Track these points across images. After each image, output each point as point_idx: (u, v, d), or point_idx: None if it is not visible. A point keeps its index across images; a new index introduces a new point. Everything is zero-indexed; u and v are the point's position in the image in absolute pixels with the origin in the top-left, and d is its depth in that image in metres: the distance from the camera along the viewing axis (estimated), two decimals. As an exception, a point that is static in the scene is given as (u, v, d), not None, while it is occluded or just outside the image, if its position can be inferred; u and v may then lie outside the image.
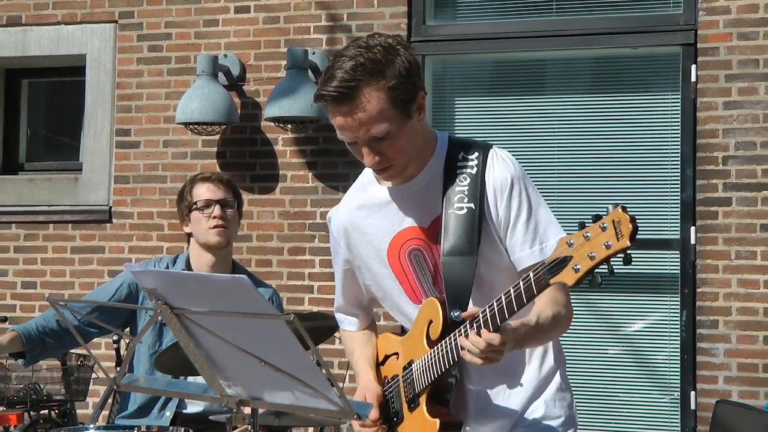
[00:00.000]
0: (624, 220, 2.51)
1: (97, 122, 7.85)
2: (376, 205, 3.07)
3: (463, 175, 2.96)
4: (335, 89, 2.83)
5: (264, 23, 7.55)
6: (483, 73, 7.52)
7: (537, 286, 2.66)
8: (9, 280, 7.88)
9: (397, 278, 3.06)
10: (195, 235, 4.48)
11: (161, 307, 2.86)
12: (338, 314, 3.34)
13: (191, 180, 4.57)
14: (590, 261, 2.54)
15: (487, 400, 3.00)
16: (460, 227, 2.92)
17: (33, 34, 8.01)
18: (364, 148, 2.91)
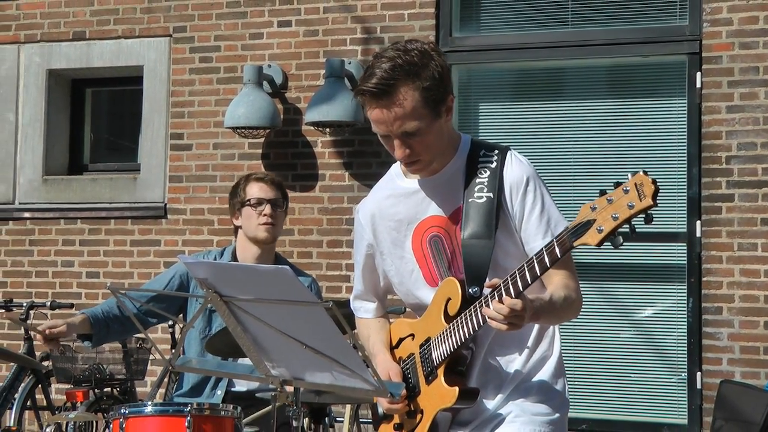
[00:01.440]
0: (646, 182, 2.56)
1: (153, 127, 7.89)
2: (402, 195, 3.09)
3: (483, 169, 2.98)
4: (374, 86, 2.87)
5: (304, 36, 7.57)
6: (505, 81, 7.50)
7: (561, 249, 2.66)
8: (75, 271, 7.93)
9: (417, 262, 3.06)
10: (244, 228, 4.49)
11: (211, 295, 2.87)
12: (355, 302, 3.34)
13: (246, 178, 4.58)
14: (613, 221, 2.55)
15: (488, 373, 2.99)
16: (479, 214, 2.93)
17: (96, 48, 8.05)
18: (395, 141, 2.93)
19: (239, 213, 4.50)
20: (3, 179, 8.16)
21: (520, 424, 2.92)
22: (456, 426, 3.01)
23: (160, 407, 3.76)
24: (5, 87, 8.21)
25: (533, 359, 3.01)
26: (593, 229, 2.57)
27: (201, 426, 3.61)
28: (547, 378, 3.00)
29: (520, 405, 2.95)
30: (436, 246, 3.02)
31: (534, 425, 2.92)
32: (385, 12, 7.41)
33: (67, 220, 7.99)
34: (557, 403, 2.99)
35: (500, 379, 2.99)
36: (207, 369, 3.92)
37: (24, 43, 8.17)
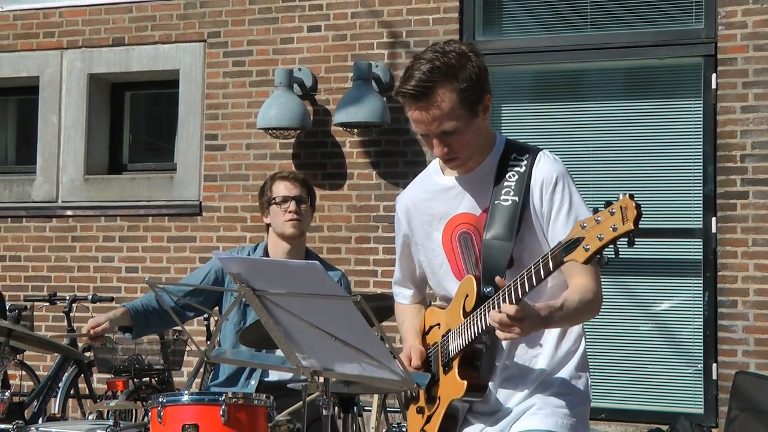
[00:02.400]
0: (630, 206, 2.50)
1: (189, 128, 7.91)
2: (438, 191, 3.08)
3: (512, 172, 2.96)
4: (413, 88, 2.86)
5: (333, 40, 7.56)
6: (526, 83, 7.47)
7: (553, 263, 2.64)
8: (115, 266, 7.97)
9: (446, 256, 3.05)
10: (273, 226, 4.50)
11: (245, 289, 2.87)
12: (395, 287, 3.35)
13: (271, 177, 4.59)
14: (599, 242, 2.54)
15: (512, 368, 2.98)
16: (502, 216, 2.92)
17: (134, 53, 8.08)
18: (434, 140, 2.92)
19: (267, 211, 4.51)
20: (47, 179, 8.21)
21: (543, 416, 2.90)
22: (477, 416, 3.00)
23: (196, 396, 3.77)
24: (49, 91, 8.25)
25: (558, 355, 2.98)
26: (581, 247, 2.56)
27: (235, 414, 3.61)
28: (571, 373, 2.98)
29: (542, 398, 2.93)
30: (465, 242, 3.00)
31: (556, 417, 2.90)
32: (411, 17, 7.40)
33: (107, 217, 8.03)
34: (579, 398, 2.96)
35: (525, 374, 2.97)
36: (241, 360, 3.93)
37: (66, 48, 8.21)
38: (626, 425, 6.75)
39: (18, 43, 8.32)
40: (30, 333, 4.36)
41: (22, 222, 8.22)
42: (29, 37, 8.29)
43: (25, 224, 8.22)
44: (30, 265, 8.16)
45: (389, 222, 7.29)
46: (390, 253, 7.21)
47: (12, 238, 8.22)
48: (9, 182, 8.34)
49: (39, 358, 7.63)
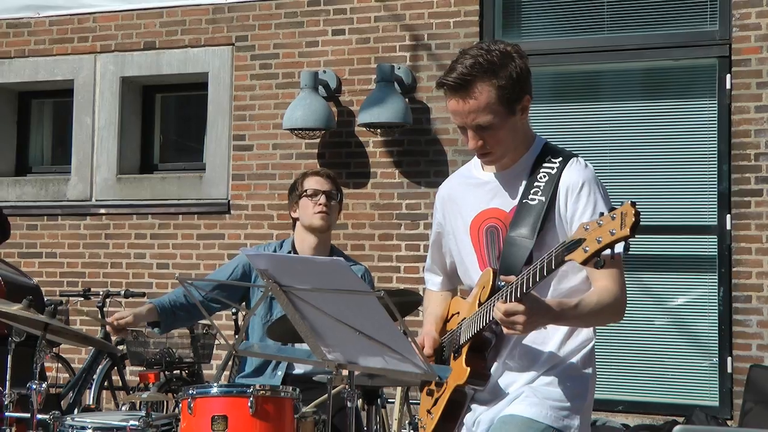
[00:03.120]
0: (629, 213, 2.48)
1: (217, 129, 7.93)
2: (473, 184, 3.09)
3: (543, 173, 2.96)
4: (453, 80, 2.89)
5: (357, 43, 7.56)
6: (545, 84, 7.45)
7: (555, 261, 2.63)
8: (147, 262, 8.00)
9: (473, 247, 3.06)
10: (301, 218, 4.50)
11: (271, 284, 2.87)
12: (426, 274, 3.38)
13: (303, 173, 4.62)
14: (597, 244, 2.53)
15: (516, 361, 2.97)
16: (528, 215, 2.92)
17: (165, 56, 8.10)
18: (469, 133, 2.94)
19: (297, 205, 4.52)
20: (81, 178, 8.25)
21: (529, 404, 2.89)
22: (477, 403, 3.02)
23: (225, 388, 3.78)
24: (83, 93, 8.29)
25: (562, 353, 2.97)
26: (581, 248, 2.56)
27: (263, 406, 3.62)
28: (571, 369, 2.96)
29: (534, 388, 2.92)
30: (492, 236, 3.01)
31: (542, 407, 2.89)
32: (432, 20, 7.39)
33: (139, 215, 8.06)
34: (574, 392, 2.93)
35: (527, 367, 2.96)
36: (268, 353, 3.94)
37: (100, 53, 8.24)
38: (643, 417, 6.72)
39: (54, 47, 8.36)
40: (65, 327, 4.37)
41: (57, 220, 8.27)
42: (64, 42, 8.33)
43: (60, 222, 8.26)
44: (65, 262, 8.20)
45: (411, 219, 7.29)
46: (412, 250, 7.21)
47: (48, 235, 8.27)
48: (45, 182, 8.39)
49: (74, 351, 7.67)
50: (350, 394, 3.08)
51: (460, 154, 7.12)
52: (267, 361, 4.39)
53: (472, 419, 3.00)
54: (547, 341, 2.96)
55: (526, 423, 2.86)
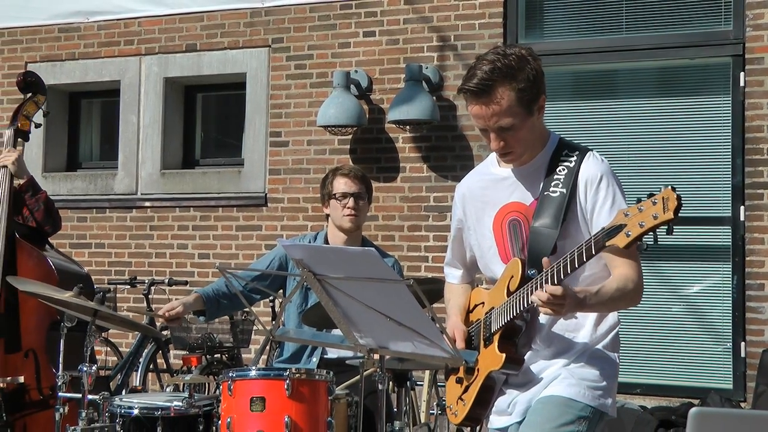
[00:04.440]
0: (671, 197, 2.51)
1: (255, 126, 7.94)
2: (493, 180, 3.07)
3: (562, 166, 2.95)
4: (475, 85, 2.87)
5: (387, 44, 7.55)
6: (566, 82, 7.41)
7: (595, 247, 2.65)
8: (189, 252, 8.03)
9: (495, 240, 3.04)
10: (332, 217, 4.50)
11: (307, 273, 2.88)
12: (446, 268, 3.35)
13: (333, 172, 4.58)
14: (640, 228, 2.54)
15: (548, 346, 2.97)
16: (550, 206, 2.91)
17: (205, 58, 8.12)
18: (491, 135, 2.93)
19: (327, 203, 4.51)
20: (127, 173, 8.29)
21: (567, 385, 2.89)
22: (511, 387, 3.00)
23: (263, 371, 3.80)
24: (129, 93, 8.33)
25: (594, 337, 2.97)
26: (623, 233, 2.57)
27: (298, 388, 3.63)
28: (600, 352, 2.96)
29: (570, 370, 2.92)
30: (514, 229, 3.00)
31: (580, 388, 2.89)
32: (458, 22, 7.37)
33: (181, 208, 8.09)
34: (605, 374, 2.94)
35: (560, 352, 2.96)
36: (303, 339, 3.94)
37: (144, 55, 8.28)
38: (660, 399, 6.69)
39: (102, 50, 8.41)
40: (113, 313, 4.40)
41: (105, 213, 8.32)
42: (111, 45, 8.37)
43: (108, 215, 8.31)
44: (113, 252, 8.25)
45: (439, 212, 7.27)
46: (439, 241, 7.20)
47: (97, 227, 8.32)
48: (94, 177, 8.44)
49: (122, 336, 7.72)
50: (381, 377, 3.09)
51: (485, 150, 7.10)
52: (303, 348, 4.40)
53: (507, 402, 2.97)
54: (579, 328, 2.96)
55: (565, 402, 2.86)
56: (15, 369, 4.56)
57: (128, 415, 3.88)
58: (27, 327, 4.62)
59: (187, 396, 3.91)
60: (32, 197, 4.80)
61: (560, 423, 2.83)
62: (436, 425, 6.04)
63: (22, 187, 4.80)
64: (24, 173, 4.84)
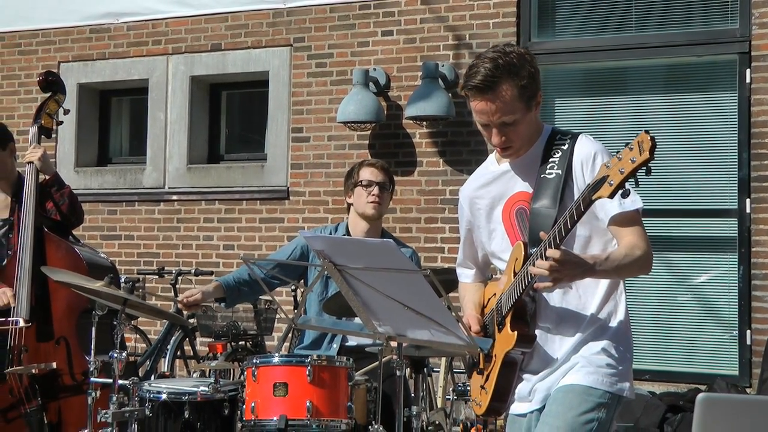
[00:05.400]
0: (645, 139, 2.50)
1: (277, 122, 7.95)
2: (494, 178, 3.06)
3: (556, 150, 2.95)
4: (480, 82, 2.85)
5: (404, 43, 7.54)
6: (577, 79, 7.38)
7: (584, 204, 2.63)
8: (214, 244, 8.05)
9: (505, 231, 3.03)
10: (355, 205, 4.49)
11: (327, 264, 2.88)
12: (458, 268, 3.32)
13: (360, 163, 4.59)
14: (620, 175, 2.53)
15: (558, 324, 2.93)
16: (548, 187, 2.89)
17: (229, 57, 8.13)
18: (494, 130, 2.91)
19: (352, 192, 4.51)
20: (155, 168, 8.32)
21: (586, 373, 2.86)
22: (529, 373, 2.97)
23: (285, 358, 3.80)
24: (156, 91, 8.35)
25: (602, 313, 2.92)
26: (606, 183, 2.55)
27: (319, 374, 3.64)
28: (614, 335, 2.93)
29: (586, 357, 2.89)
30: (521, 216, 2.98)
31: (597, 375, 2.86)
32: (473, 21, 7.35)
33: (207, 201, 8.11)
34: (620, 357, 2.91)
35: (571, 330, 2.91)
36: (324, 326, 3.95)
37: (171, 54, 8.29)
38: (668, 385, 6.66)
39: (131, 50, 8.43)
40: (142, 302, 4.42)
41: (134, 206, 8.35)
42: (140, 44, 8.39)
43: (137, 208, 8.34)
44: (141, 243, 8.28)
45: (455, 204, 7.22)
46: (455, 233, 7.18)
47: (126, 219, 8.36)
48: (123, 171, 8.47)
49: (150, 324, 7.75)
50: (399, 363, 3.08)
51: (498, 144, 7.07)
52: (324, 335, 4.40)
53: (528, 389, 2.95)
54: (587, 305, 2.92)
55: (585, 391, 2.84)
56: (47, 356, 4.59)
57: (157, 399, 3.90)
58: (58, 315, 4.65)
59: (213, 381, 3.93)
60: (57, 191, 4.82)
61: (581, 411, 2.81)
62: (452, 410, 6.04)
63: (47, 182, 4.82)
64: (49, 169, 4.85)
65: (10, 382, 4.57)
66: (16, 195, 4.78)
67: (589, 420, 2.81)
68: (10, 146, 4.82)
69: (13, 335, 4.55)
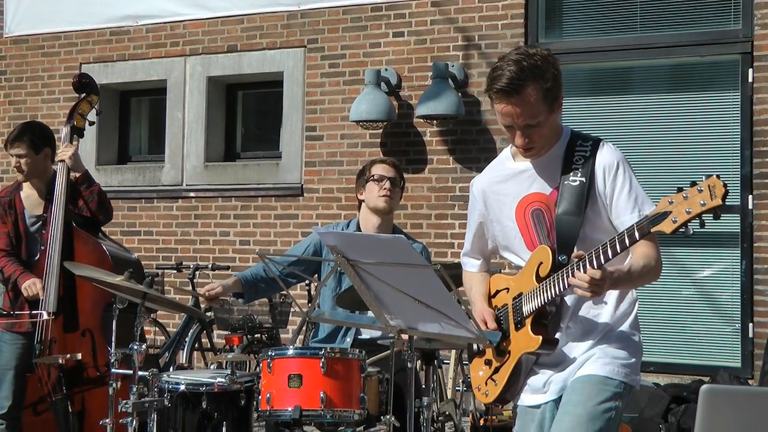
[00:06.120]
0: (718, 185, 2.52)
1: (291, 121, 7.96)
2: (511, 174, 3.04)
3: (578, 156, 2.93)
4: (506, 85, 2.81)
5: (415, 44, 7.53)
6: (584, 79, 7.36)
7: (639, 233, 2.64)
8: (230, 239, 8.07)
9: (519, 230, 3.01)
10: (367, 200, 4.48)
11: (340, 259, 2.88)
12: (464, 258, 3.31)
13: (372, 160, 4.60)
14: (686, 215, 2.54)
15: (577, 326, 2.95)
16: (572, 195, 2.88)
17: (245, 58, 8.14)
18: (518, 132, 2.89)
19: (363, 189, 4.50)
20: (173, 166, 8.34)
21: (602, 364, 2.88)
22: (543, 367, 2.97)
23: (300, 350, 3.81)
24: (174, 91, 8.36)
25: (616, 315, 2.96)
26: (669, 219, 2.56)
27: (333, 366, 3.64)
28: (627, 330, 2.96)
29: (602, 349, 2.91)
30: (538, 217, 2.97)
31: (613, 366, 2.88)
32: (482, 23, 7.33)
33: (223, 198, 8.13)
34: (633, 350, 2.94)
35: (588, 331, 2.94)
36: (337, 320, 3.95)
37: (189, 55, 8.31)
38: (672, 377, 6.65)
39: (149, 51, 8.45)
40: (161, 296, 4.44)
41: (153, 203, 8.38)
42: (158, 46, 8.41)
43: (155, 204, 8.37)
44: (160, 239, 8.31)
45: (464, 201, 7.25)
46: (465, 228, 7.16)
47: (145, 216, 8.38)
48: (142, 169, 8.50)
49: (169, 317, 7.78)
50: (410, 356, 3.09)
51: (507, 143, 7.06)
52: (338, 328, 4.40)
53: (543, 381, 2.95)
54: (602, 310, 2.95)
55: (602, 381, 2.86)
56: (73, 347, 4.62)
57: (175, 390, 3.91)
58: (84, 308, 4.68)
59: (230, 373, 3.94)
60: (87, 189, 4.86)
61: (600, 400, 2.83)
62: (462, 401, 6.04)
63: (78, 180, 4.86)
64: (80, 167, 4.89)
65: (39, 372, 4.61)
66: (50, 193, 4.82)
67: (608, 409, 2.84)
68: (45, 151, 4.88)
69: (42, 327, 4.59)
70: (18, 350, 4.72)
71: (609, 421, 2.83)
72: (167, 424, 3.90)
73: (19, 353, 4.71)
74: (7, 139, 4.87)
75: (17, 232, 4.78)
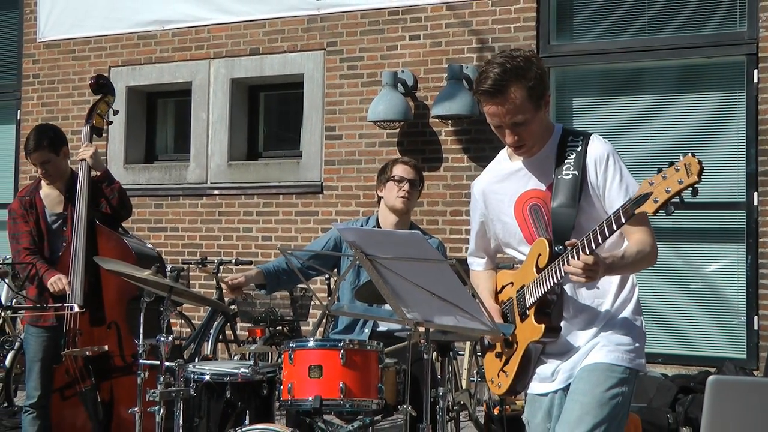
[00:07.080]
0: (693, 162, 2.50)
1: (311, 122, 7.96)
2: (508, 174, 3.06)
3: (570, 152, 2.93)
4: (490, 87, 2.85)
5: (430, 47, 7.52)
6: (594, 80, 7.34)
7: (624, 216, 2.63)
8: (253, 235, 8.09)
9: (518, 226, 3.02)
10: (385, 199, 4.48)
11: (359, 254, 2.88)
12: (470, 258, 3.32)
13: (395, 160, 4.57)
14: (666, 194, 2.52)
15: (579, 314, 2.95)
16: (566, 188, 2.89)
17: (267, 60, 8.16)
18: (506, 131, 2.92)
19: (383, 186, 4.49)
20: (198, 164, 8.36)
21: (607, 351, 2.88)
22: (550, 356, 2.97)
23: (320, 342, 3.80)
24: (199, 93, 8.39)
25: (617, 302, 2.96)
26: (650, 200, 2.54)
27: (352, 357, 3.64)
28: (629, 316, 2.95)
29: (606, 337, 2.91)
30: (536, 213, 2.97)
31: (618, 352, 2.88)
32: (495, 26, 7.32)
33: (246, 195, 8.15)
34: (636, 336, 2.93)
35: (591, 318, 2.94)
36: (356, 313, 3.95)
37: (213, 58, 8.33)
38: (679, 368, 6.62)
39: (175, 55, 8.48)
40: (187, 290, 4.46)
41: (179, 200, 8.41)
42: (184, 50, 8.44)
43: (181, 202, 8.40)
44: (186, 235, 8.34)
45: (478, 198, 7.24)
46: (478, 224, 7.17)
47: (171, 213, 8.41)
48: (168, 168, 8.53)
49: (194, 310, 7.81)
50: (426, 347, 3.08)
51: (519, 142, 7.05)
52: (356, 321, 4.40)
53: (550, 370, 2.95)
54: (604, 297, 2.95)
55: (608, 368, 2.86)
56: (100, 339, 4.64)
57: (201, 380, 3.92)
58: (109, 302, 4.69)
59: (253, 364, 3.95)
60: (108, 186, 4.86)
61: (607, 387, 2.84)
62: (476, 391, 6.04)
63: (99, 178, 4.86)
64: (100, 165, 4.90)
65: (67, 363, 4.63)
66: (69, 191, 4.83)
67: (615, 395, 2.84)
68: (63, 150, 4.87)
69: (69, 320, 4.61)
70: (44, 343, 4.75)
71: (617, 406, 2.83)
72: (193, 413, 3.92)
73: (45, 346, 4.74)
74: (26, 150, 4.84)
75: (39, 230, 4.80)
